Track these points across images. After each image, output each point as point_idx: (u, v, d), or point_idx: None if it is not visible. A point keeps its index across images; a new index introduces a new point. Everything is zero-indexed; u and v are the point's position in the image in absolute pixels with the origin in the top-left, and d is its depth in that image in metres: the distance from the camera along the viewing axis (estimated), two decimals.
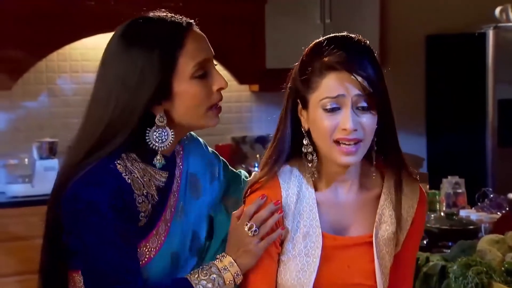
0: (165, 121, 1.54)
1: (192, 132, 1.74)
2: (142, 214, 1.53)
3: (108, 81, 1.54)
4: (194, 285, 1.52)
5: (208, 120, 1.60)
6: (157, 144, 1.55)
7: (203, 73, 1.56)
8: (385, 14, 5.09)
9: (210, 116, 1.59)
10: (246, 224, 1.54)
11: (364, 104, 1.48)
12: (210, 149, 1.80)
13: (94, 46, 4.36)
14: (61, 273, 1.62)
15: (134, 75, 1.50)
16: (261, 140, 4.96)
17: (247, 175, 1.84)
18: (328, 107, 1.48)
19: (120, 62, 1.52)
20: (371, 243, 1.57)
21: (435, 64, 5.23)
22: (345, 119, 1.47)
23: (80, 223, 1.49)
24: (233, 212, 1.60)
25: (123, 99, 1.51)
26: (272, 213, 1.54)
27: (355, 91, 1.47)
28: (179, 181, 1.65)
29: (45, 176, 4.06)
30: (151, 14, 1.59)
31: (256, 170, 4.66)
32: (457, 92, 5.07)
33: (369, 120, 1.49)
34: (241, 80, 4.73)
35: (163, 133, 1.54)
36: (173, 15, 1.59)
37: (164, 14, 1.59)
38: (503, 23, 4.76)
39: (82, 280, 1.57)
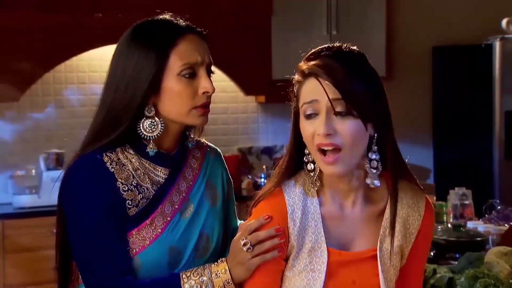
0: (153, 112, 1.65)
1: (218, 150, 1.88)
2: (130, 202, 1.63)
3: (114, 71, 1.68)
4: (182, 283, 1.58)
5: (192, 119, 1.68)
6: (147, 134, 1.66)
7: (191, 74, 1.66)
8: (392, 25, 5.09)
9: (194, 115, 1.67)
10: (243, 239, 1.55)
11: (341, 110, 1.48)
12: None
13: (101, 57, 4.38)
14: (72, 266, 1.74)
15: (133, 66, 1.64)
16: (267, 151, 4.97)
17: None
18: (307, 113, 1.51)
19: (124, 54, 1.67)
20: (376, 256, 1.56)
21: (442, 75, 5.23)
22: (319, 124, 1.49)
23: (66, 210, 1.65)
24: (241, 223, 1.64)
25: (122, 86, 1.64)
26: (270, 237, 1.54)
27: (326, 97, 1.48)
28: (191, 183, 1.74)
29: (52, 187, 4.05)
30: (159, 16, 1.72)
31: (262, 181, 4.67)
32: (464, 104, 5.06)
33: (346, 126, 1.48)
34: (247, 91, 4.74)
35: (153, 123, 1.65)
36: (178, 18, 1.71)
37: (170, 17, 1.72)
38: (509, 34, 4.77)
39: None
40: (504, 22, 4.79)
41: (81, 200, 1.62)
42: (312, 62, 1.52)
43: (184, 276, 1.59)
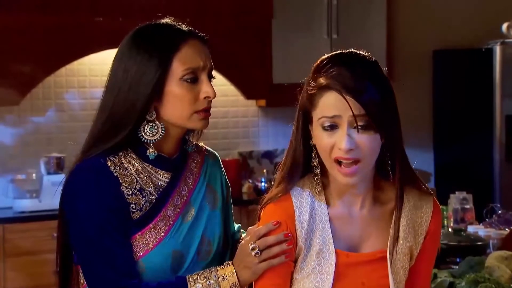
0: (154, 116, 1.66)
1: (217, 154, 1.87)
2: (134, 206, 1.64)
3: (115, 75, 1.68)
4: (189, 286, 1.58)
5: (194, 123, 1.70)
6: (147, 138, 1.67)
7: (193, 78, 1.67)
8: (392, 29, 5.10)
9: (195, 119, 1.69)
10: (251, 244, 1.56)
11: (363, 124, 1.47)
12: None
13: (102, 61, 4.38)
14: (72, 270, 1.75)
15: (135, 70, 1.65)
16: (268, 155, 4.97)
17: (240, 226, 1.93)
18: (326, 125, 1.49)
19: (126, 58, 1.67)
20: (385, 258, 1.56)
21: (442, 79, 5.23)
22: (340, 139, 1.48)
23: (68, 214, 1.66)
24: (249, 228, 1.65)
25: (124, 90, 1.65)
26: (278, 242, 1.54)
27: (350, 112, 1.46)
28: (192, 187, 1.75)
29: (52, 191, 4.01)
30: (161, 21, 1.73)
31: (263, 185, 4.67)
32: (465, 108, 5.07)
33: (367, 140, 1.48)
34: (248, 95, 4.74)
35: (154, 127, 1.66)
36: (179, 22, 1.72)
37: (172, 21, 1.73)
38: (510, 38, 4.77)
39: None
40: (504, 26, 4.79)
41: (83, 203, 1.62)
42: (331, 74, 1.49)
43: (190, 279, 1.60)
